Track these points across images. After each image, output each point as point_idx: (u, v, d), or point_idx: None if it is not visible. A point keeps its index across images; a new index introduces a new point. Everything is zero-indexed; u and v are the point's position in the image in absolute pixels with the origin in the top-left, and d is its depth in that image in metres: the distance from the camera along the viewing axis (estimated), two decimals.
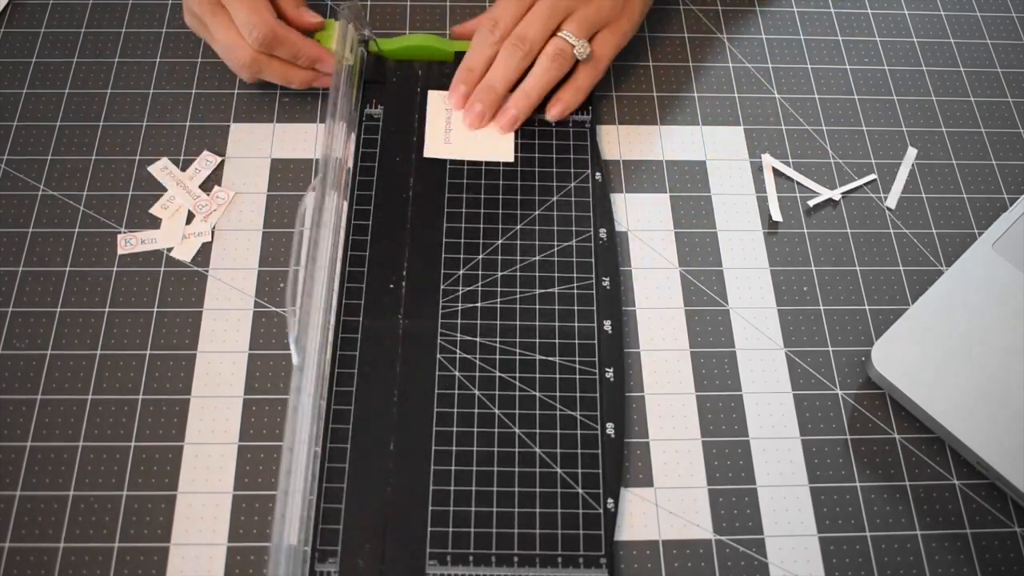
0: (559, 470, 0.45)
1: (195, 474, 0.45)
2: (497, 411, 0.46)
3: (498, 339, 0.48)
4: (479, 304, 0.49)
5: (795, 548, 0.44)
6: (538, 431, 0.46)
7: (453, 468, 0.45)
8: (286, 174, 0.53)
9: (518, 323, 0.49)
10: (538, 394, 0.47)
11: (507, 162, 0.53)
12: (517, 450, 0.45)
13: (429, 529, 0.43)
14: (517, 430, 0.46)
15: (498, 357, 0.48)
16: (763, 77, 0.58)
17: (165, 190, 0.52)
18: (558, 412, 0.46)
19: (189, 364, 0.47)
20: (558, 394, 0.47)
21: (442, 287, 0.49)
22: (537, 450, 0.45)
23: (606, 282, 0.50)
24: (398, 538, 0.43)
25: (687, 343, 0.49)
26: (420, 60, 0.57)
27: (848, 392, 0.48)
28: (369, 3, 0.60)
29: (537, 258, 0.51)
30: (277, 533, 0.40)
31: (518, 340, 0.48)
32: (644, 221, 0.53)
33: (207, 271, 0.50)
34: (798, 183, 0.54)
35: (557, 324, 0.49)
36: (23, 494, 0.44)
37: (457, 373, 0.47)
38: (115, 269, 0.50)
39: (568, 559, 0.43)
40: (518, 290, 0.50)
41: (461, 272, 0.50)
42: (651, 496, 0.45)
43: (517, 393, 0.47)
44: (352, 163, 0.53)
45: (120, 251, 0.50)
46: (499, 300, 0.49)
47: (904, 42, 0.61)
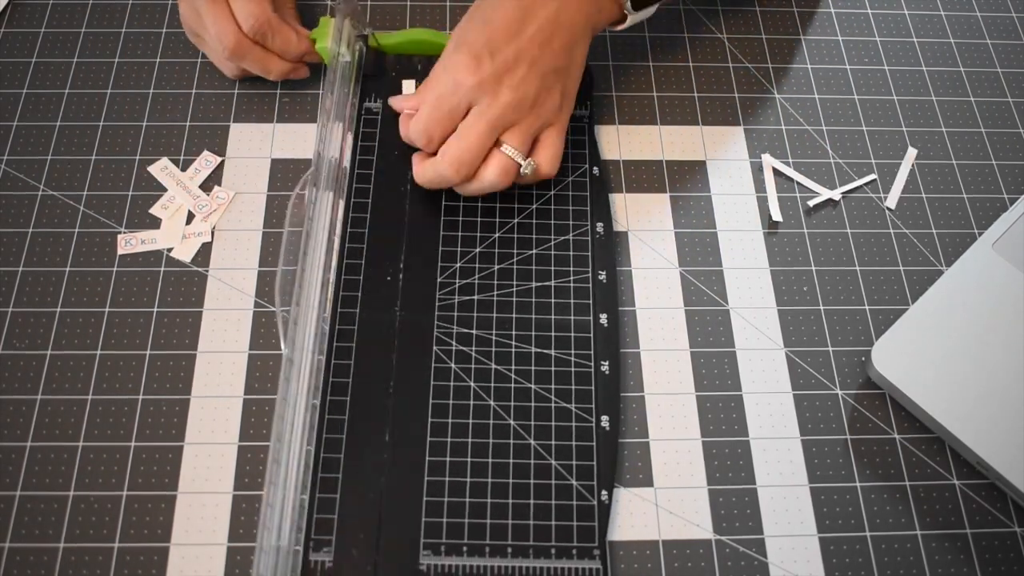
0: (554, 462, 0.45)
1: (195, 474, 0.45)
2: (492, 403, 0.46)
3: (494, 332, 0.48)
4: (476, 297, 0.49)
5: (795, 548, 0.44)
6: (533, 423, 0.46)
7: (448, 459, 0.45)
8: (286, 174, 0.53)
9: (514, 316, 0.49)
10: (533, 386, 0.47)
11: None
12: (512, 442, 0.45)
13: (423, 519, 0.43)
14: (512, 422, 0.46)
15: (494, 350, 0.48)
16: (763, 77, 0.58)
17: (165, 190, 0.52)
18: (553, 404, 0.46)
19: (189, 364, 0.47)
20: (553, 387, 0.47)
21: (439, 280, 0.50)
22: (532, 442, 0.45)
23: (602, 276, 0.50)
24: (392, 528, 0.43)
25: (687, 343, 0.49)
26: (420, 55, 0.57)
27: (848, 392, 0.48)
28: (369, 2, 0.60)
29: (534, 251, 0.51)
30: (263, 527, 0.40)
31: (514, 333, 0.48)
32: (644, 221, 0.53)
33: (207, 271, 0.50)
34: (798, 183, 0.54)
35: (553, 317, 0.49)
36: (23, 494, 0.44)
37: (453, 365, 0.47)
38: (115, 269, 0.50)
39: (562, 550, 0.43)
40: (515, 283, 0.50)
41: (458, 265, 0.50)
42: (651, 496, 0.45)
43: (512, 385, 0.47)
44: (351, 157, 0.53)
45: (120, 251, 0.50)
46: (496, 293, 0.49)
47: (904, 42, 0.61)
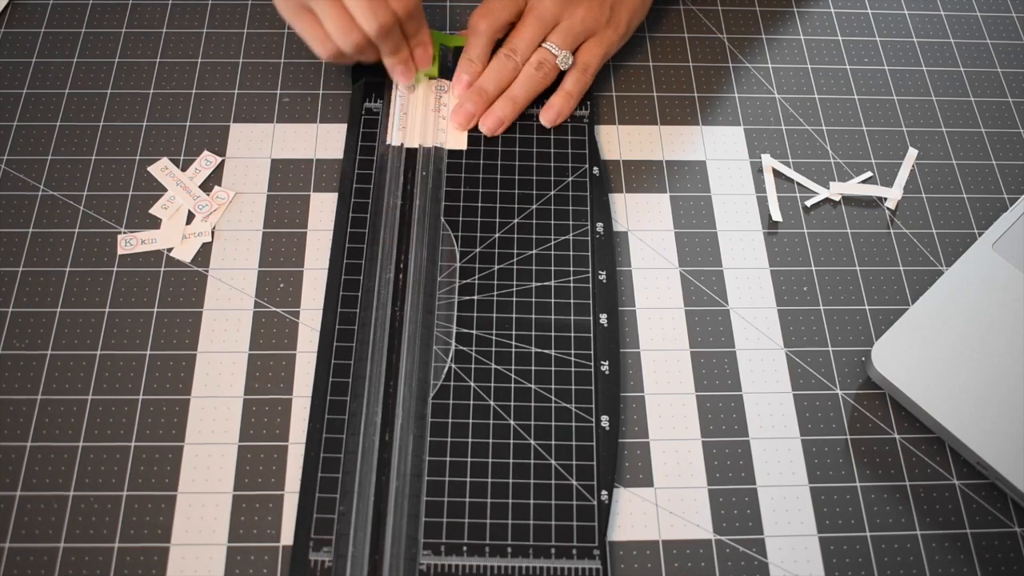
0: (554, 462, 0.45)
1: (195, 474, 0.45)
2: (492, 403, 0.46)
3: (494, 332, 0.48)
4: (476, 297, 0.49)
5: (795, 548, 0.44)
6: (533, 423, 0.46)
7: (448, 459, 0.45)
8: (286, 174, 0.53)
9: (514, 316, 0.49)
10: (534, 386, 0.47)
11: (460, 149, 0.54)
12: (512, 442, 0.45)
13: (423, 519, 0.43)
14: (512, 422, 0.46)
15: (494, 350, 0.48)
16: (763, 77, 0.58)
17: (165, 190, 0.52)
18: (553, 404, 0.46)
19: (189, 364, 0.47)
20: (553, 387, 0.47)
21: (439, 279, 0.50)
22: (532, 442, 0.45)
23: (602, 276, 0.50)
24: (393, 528, 0.43)
25: (687, 343, 0.49)
26: None
27: (848, 392, 0.48)
28: None
29: (534, 252, 0.51)
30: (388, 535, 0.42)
31: (514, 333, 0.48)
32: (644, 221, 0.53)
33: (207, 271, 0.50)
34: (798, 183, 0.54)
35: (553, 317, 0.49)
36: (23, 494, 0.44)
37: (453, 365, 0.47)
38: (115, 269, 0.50)
39: (561, 550, 0.43)
40: (515, 283, 0.50)
41: (458, 265, 0.50)
42: (651, 496, 0.45)
43: (512, 385, 0.47)
44: (352, 156, 0.53)
45: (120, 251, 0.50)
46: (496, 293, 0.49)
47: (904, 42, 0.61)
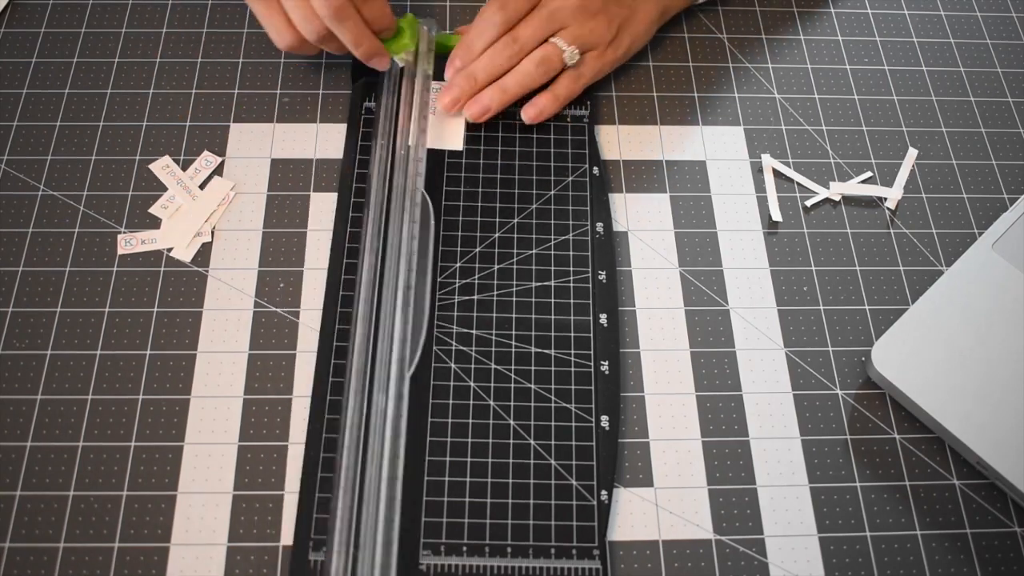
0: (553, 462, 0.45)
1: (195, 474, 0.45)
2: (492, 403, 0.46)
3: (494, 331, 0.48)
4: (475, 297, 0.49)
5: (795, 548, 0.44)
6: (533, 423, 0.46)
7: (448, 459, 0.45)
8: (286, 174, 0.53)
9: (514, 316, 0.49)
10: (533, 386, 0.47)
11: (456, 150, 0.54)
12: (512, 442, 0.45)
13: (423, 519, 0.43)
14: (512, 422, 0.46)
15: (494, 349, 0.48)
16: (763, 77, 0.58)
17: (165, 190, 0.52)
18: (553, 404, 0.46)
19: (189, 364, 0.47)
20: (553, 387, 0.47)
21: (439, 279, 0.50)
22: (532, 442, 0.45)
23: (602, 276, 0.50)
24: (392, 528, 0.43)
25: (687, 343, 0.49)
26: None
27: (848, 392, 0.48)
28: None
29: (534, 251, 0.51)
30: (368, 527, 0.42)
31: (514, 333, 0.48)
32: (644, 221, 0.53)
33: (207, 271, 0.50)
34: (798, 183, 0.54)
35: (553, 317, 0.49)
36: (23, 494, 0.44)
37: (453, 365, 0.47)
38: (115, 269, 0.50)
39: (561, 550, 0.43)
40: (515, 283, 0.50)
41: (458, 265, 0.50)
42: (651, 496, 0.45)
43: (512, 385, 0.47)
44: (352, 156, 0.53)
45: (120, 251, 0.50)
46: (496, 293, 0.49)
47: (904, 42, 0.61)
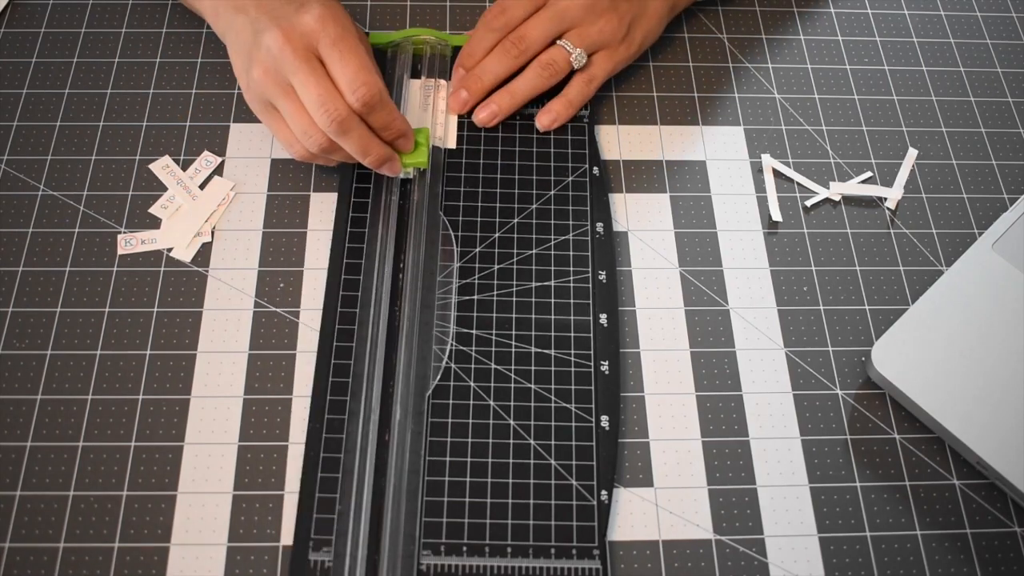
0: (553, 462, 0.45)
1: (195, 474, 0.45)
2: (492, 403, 0.46)
3: (494, 331, 0.48)
4: (476, 297, 0.49)
5: (795, 548, 0.44)
6: (533, 423, 0.46)
7: (448, 459, 0.45)
8: (286, 174, 0.53)
9: (514, 316, 0.49)
10: (533, 386, 0.47)
11: (450, 148, 0.54)
12: (512, 442, 0.45)
13: (423, 519, 0.43)
14: (512, 422, 0.46)
15: (494, 349, 0.48)
16: (763, 77, 0.58)
17: (165, 189, 0.52)
18: (553, 404, 0.46)
19: (189, 364, 0.47)
20: (553, 386, 0.47)
21: (439, 279, 0.50)
22: (532, 442, 0.45)
23: (602, 276, 0.50)
24: (392, 528, 0.43)
25: (687, 343, 0.49)
26: (420, 55, 0.57)
27: (848, 392, 0.48)
28: (369, 2, 0.60)
29: (534, 251, 0.51)
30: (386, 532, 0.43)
31: (514, 333, 0.48)
32: (644, 221, 0.53)
33: (207, 271, 0.50)
34: (798, 183, 0.54)
35: (553, 317, 0.49)
36: (23, 494, 0.44)
37: (453, 365, 0.47)
38: (115, 269, 0.50)
39: (561, 550, 0.43)
40: (515, 283, 0.50)
41: (458, 265, 0.50)
42: (651, 496, 0.45)
43: (512, 385, 0.47)
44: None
45: (120, 251, 0.50)
46: (496, 293, 0.49)
47: (904, 42, 0.61)
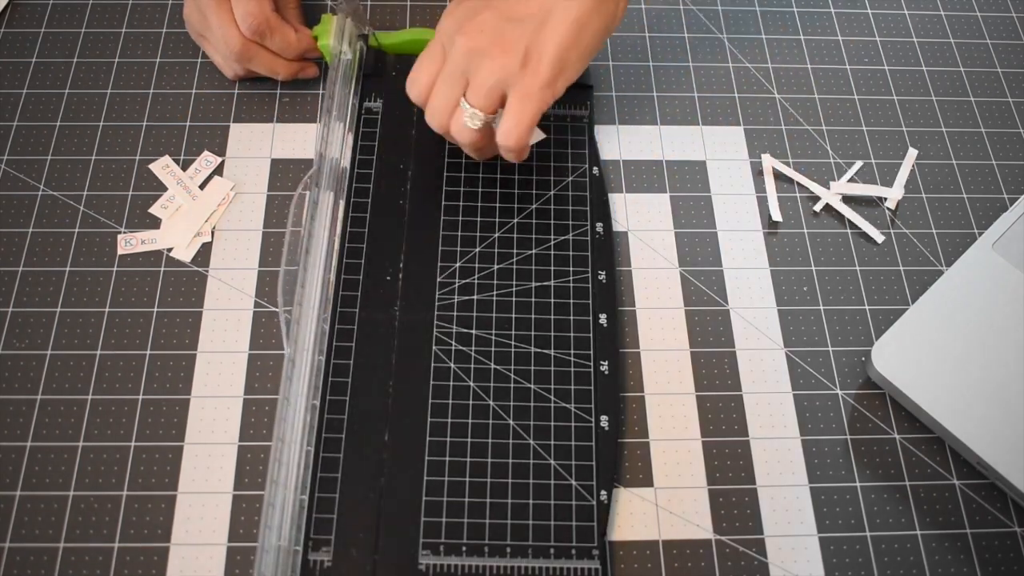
0: (553, 462, 0.45)
1: (195, 474, 0.45)
2: (492, 403, 0.46)
3: (494, 332, 0.48)
4: (475, 297, 0.49)
5: (795, 548, 0.44)
6: (532, 423, 0.46)
7: (447, 459, 0.45)
8: (286, 174, 0.53)
9: (514, 316, 0.49)
10: (533, 386, 0.47)
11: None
12: (511, 442, 0.45)
13: (423, 519, 0.43)
14: (511, 422, 0.46)
15: (493, 349, 0.48)
16: (763, 77, 0.58)
17: (165, 189, 0.52)
18: (552, 404, 0.46)
19: (189, 364, 0.47)
20: (553, 386, 0.47)
21: (439, 279, 0.50)
22: (531, 442, 0.45)
23: (602, 276, 0.50)
24: (392, 528, 0.43)
25: (687, 343, 0.49)
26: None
27: (848, 392, 0.48)
28: (369, 2, 0.60)
29: (534, 251, 0.51)
30: (264, 526, 0.40)
31: (514, 333, 0.48)
32: (644, 221, 0.53)
33: (207, 271, 0.50)
34: (798, 183, 0.54)
35: (553, 317, 0.49)
36: (23, 494, 0.44)
37: (452, 365, 0.47)
38: (115, 269, 0.50)
39: (561, 550, 0.43)
40: (514, 283, 0.50)
41: (458, 265, 0.50)
42: (651, 496, 0.45)
43: (512, 385, 0.47)
44: (351, 156, 0.53)
45: (120, 251, 0.50)
46: (495, 293, 0.49)
47: (904, 42, 0.61)
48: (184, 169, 0.53)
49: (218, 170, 0.53)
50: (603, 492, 0.44)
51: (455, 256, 0.50)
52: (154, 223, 0.51)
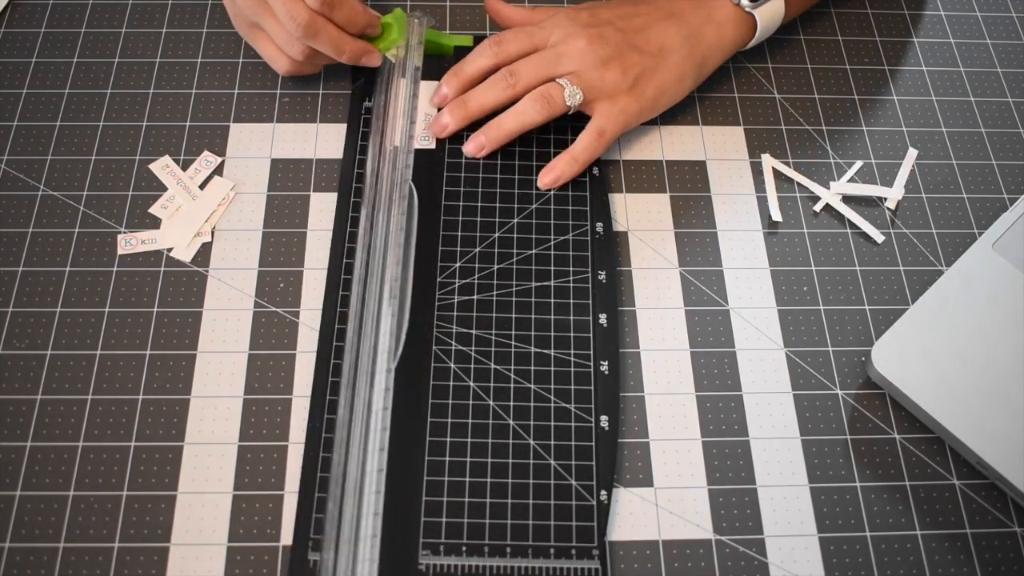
0: (553, 462, 0.45)
1: (195, 474, 0.45)
2: (492, 403, 0.46)
3: (494, 332, 0.48)
4: (475, 297, 0.49)
5: (795, 548, 0.44)
6: (532, 423, 0.46)
7: (447, 459, 0.45)
8: (286, 174, 0.53)
9: (514, 316, 0.49)
10: (533, 386, 0.47)
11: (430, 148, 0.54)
12: (511, 442, 0.45)
13: (423, 519, 0.43)
14: (511, 422, 0.46)
15: (493, 350, 0.48)
16: (763, 77, 0.58)
17: (165, 189, 0.52)
18: (552, 404, 0.46)
19: (189, 364, 0.47)
20: (553, 387, 0.47)
21: (439, 279, 0.50)
22: (531, 442, 0.45)
23: (602, 276, 0.50)
24: (392, 528, 0.43)
25: (687, 343, 0.49)
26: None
27: (848, 392, 0.48)
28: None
29: (534, 251, 0.51)
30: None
31: (514, 333, 0.48)
32: (644, 221, 0.53)
33: (207, 271, 0.50)
34: (798, 183, 0.54)
35: (553, 317, 0.49)
36: (23, 494, 0.44)
37: (453, 365, 0.47)
38: (115, 269, 0.50)
39: (560, 550, 0.43)
40: (514, 283, 0.50)
41: (458, 265, 0.50)
42: (651, 496, 0.45)
43: (512, 385, 0.47)
44: (351, 156, 0.53)
45: (120, 251, 0.50)
46: (495, 293, 0.49)
47: (904, 42, 0.61)
48: (184, 169, 0.53)
49: (218, 170, 0.53)
50: (603, 492, 0.44)
51: (455, 256, 0.50)
52: (154, 223, 0.51)
